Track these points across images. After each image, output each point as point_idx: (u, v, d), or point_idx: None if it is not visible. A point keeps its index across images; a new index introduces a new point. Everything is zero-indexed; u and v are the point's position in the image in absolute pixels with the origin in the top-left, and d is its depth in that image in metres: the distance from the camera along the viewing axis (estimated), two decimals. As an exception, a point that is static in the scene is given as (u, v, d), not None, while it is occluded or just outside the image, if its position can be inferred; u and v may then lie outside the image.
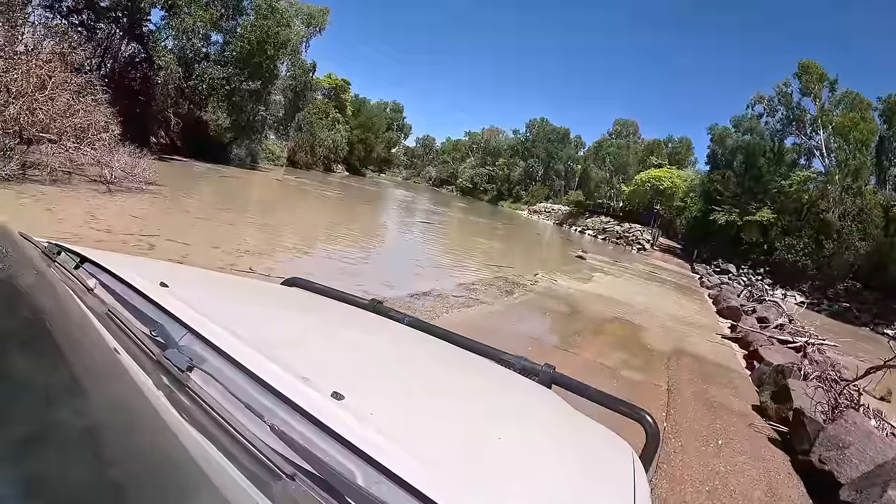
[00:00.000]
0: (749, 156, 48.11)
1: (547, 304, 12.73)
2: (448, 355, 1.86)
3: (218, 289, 1.82)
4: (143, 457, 0.87)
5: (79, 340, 1.15)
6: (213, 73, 31.79)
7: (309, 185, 37.92)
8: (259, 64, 33.73)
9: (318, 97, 64.27)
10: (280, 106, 42.68)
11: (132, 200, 13.98)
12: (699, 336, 13.56)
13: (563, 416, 1.53)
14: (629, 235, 57.35)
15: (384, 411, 1.02)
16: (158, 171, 18.08)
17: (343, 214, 26.23)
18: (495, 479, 0.98)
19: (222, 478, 0.86)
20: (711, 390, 8.60)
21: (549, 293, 14.34)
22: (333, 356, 1.36)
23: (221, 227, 13.70)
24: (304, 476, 0.86)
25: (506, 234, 39.71)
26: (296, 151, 56.11)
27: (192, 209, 15.33)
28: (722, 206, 46.58)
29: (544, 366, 1.92)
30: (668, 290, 24.33)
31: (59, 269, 1.41)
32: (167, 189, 17.23)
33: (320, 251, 13.79)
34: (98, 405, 0.93)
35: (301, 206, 25.68)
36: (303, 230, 16.97)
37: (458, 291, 11.67)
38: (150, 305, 1.24)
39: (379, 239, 20.22)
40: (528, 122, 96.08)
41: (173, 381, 1.03)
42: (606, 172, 72.11)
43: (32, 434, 0.73)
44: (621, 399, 1.83)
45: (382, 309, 2.23)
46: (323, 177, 53.71)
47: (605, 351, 9.61)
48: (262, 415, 0.94)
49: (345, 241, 16.47)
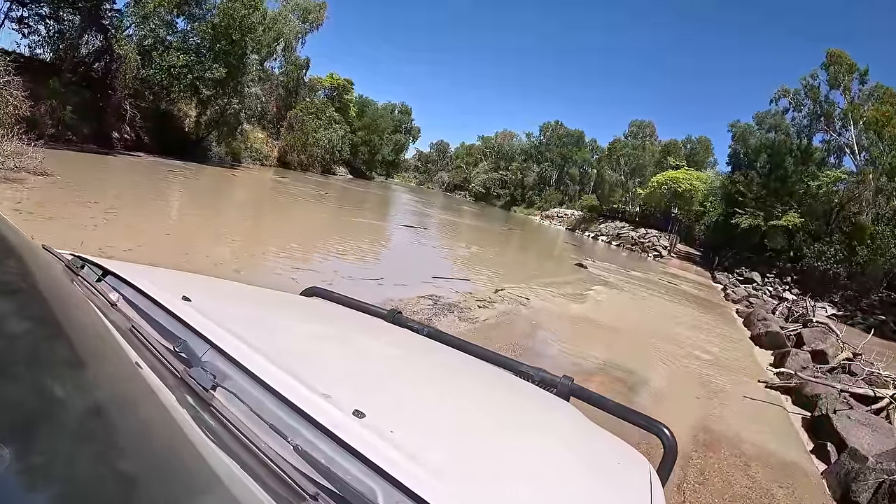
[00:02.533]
0: (774, 155, 44.02)
1: (490, 342, 7.74)
2: (468, 367, 1.86)
3: (240, 301, 1.81)
4: (169, 476, 0.85)
5: (102, 356, 1.12)
6: (171, 59, 28.08)
7: (285, 185, 34.27)
8: (225, 51, 30.17)
9: (319, 96, 61.18)
10: (258, 99, 38.63)
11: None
12: (732, 385, 9.29)
13: (581, 429, 1.53)
14: (645, 241, 53.19)
15: (405, 428, 1.02)
16: (89, 165, 16.42)
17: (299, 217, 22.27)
18: (514, 495, 0.98)
19: (246, 497, 0.86)
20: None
21: (504, 321, 10.08)
22: (354, 371, 1.35)
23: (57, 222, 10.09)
24: (326, 496, 0.86)
25: (505, 240, 35.99)
26: (287, 151, 52.21)
27: (51, 199, 11.79)
28: (745, 209, 42.50)
29: (563, 378, 1.89)
30: (686, 308, 19.74)
31: (82, 283, 1.43)
32: (49, 180, 13.97)
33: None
34: (122, 423, 0.91)
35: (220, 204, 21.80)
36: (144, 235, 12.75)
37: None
38: (172, 320, 1.25)
39: (330, 242, 15.92)
40: (542, 125, 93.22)
41: (197, 400, 1.03)
42: (621, 175, 68.60)
43: (56, 451, 0.72)
44: (639, 412, 1.78)
45: (401, 319, 2.19)
46: (316, 179, 49.69)
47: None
48: (285, 434, 0.95)
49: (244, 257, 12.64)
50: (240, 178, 31.53)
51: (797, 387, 9.15)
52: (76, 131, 24.49)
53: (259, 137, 46.82)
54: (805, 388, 8.84)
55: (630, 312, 15.34)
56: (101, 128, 26.29)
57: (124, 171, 21.86)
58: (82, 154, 22.16)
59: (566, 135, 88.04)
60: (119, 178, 19.35)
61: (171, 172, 23.91)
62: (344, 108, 69.44)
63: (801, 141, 43.71)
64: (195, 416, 0.99)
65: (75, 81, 25.14)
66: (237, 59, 31.15)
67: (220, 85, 30.91)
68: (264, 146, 47.36)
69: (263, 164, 46.14)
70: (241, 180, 30.83)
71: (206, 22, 29.50)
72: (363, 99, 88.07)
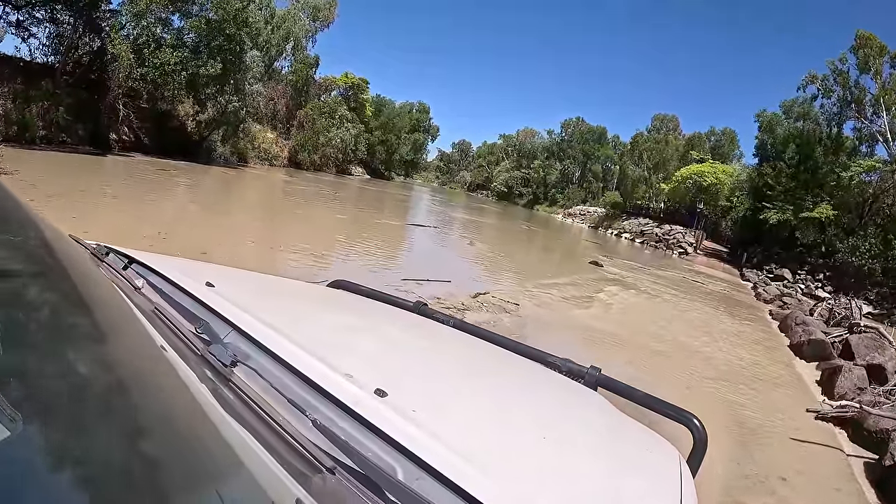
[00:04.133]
0: (802, 145, 41.32)
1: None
2: (493, 357, 1.82)
3: (263, 289, 1.82)
4: (187, 450, 0.89)
5: (127, 337, 1.17)
6: (164, 56, 26.81)
7: (284, 185, 32.54)
8: (220, 47, 28.82)
9: (334, 95, 59.99)
10: (260, 97, 37.12)
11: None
12: (773, 417, 7.35)
13: (609, 418, 1.49)
14: (669, 238, 50.91)
15: (427, 409, 1.02)
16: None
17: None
18: (539, 479, 0.97)
19: (262, 469, 0.88)
20: None
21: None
22: (377, 355, 1.34)
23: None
24: (343, 470, 0.87)
25: (518, 238, 34.12)
26: (297, 151, 50.73)
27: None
28: (773, 203, 39.98)
29: (590, 368, 1.84)
30: (713, 310, 17.48)
31: (108, 270, 1.47)
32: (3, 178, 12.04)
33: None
34: (145, 398, 0.94)
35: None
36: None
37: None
38: (195, 304, 1.27)
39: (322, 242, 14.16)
40: (563, 121, 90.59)
41: (217, 376, 1.04)
42: (644, 170, 65.68)
43: (86, 427, 0.76)
44: (668, 402, 1.72)
45: (427, 311, 2.16)
46: (329, 179, 47.79)
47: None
48: (304, 410, 0.96)
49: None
50: (234, 177, 29.88)
51: (856, 418, 7.21)
52: (70, 133, 23.59)
53: (268, 137, 45.54)
54: (867, 421, 6.91)
55: (645, 318, 13.41)
56: (96, 129, 25.30)
57: (103, 171, 20.42)
58: (70, 155, 20.95)
59: (588, 131, 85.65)
60: (91, 178, 17.64)
61: (158, 172, 22.42)
62: (360, 108, 67.98)
63: (831, 129, 41.22)
64: (214, 391, 1.01)
65: (70, 83, 24.19)
66: (234, 55, 29.84)
67: (218, 82, 29.64)
68: (273, 146, 46.07)
69: (273, 164, 44.82)
70: (235, 180, 29.20)
71: (200, 17, 28.26)
72: (380, 98, 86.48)
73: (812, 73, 42.02)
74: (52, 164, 17.64)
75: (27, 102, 21.59)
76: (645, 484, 1.14)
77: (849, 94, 39.86)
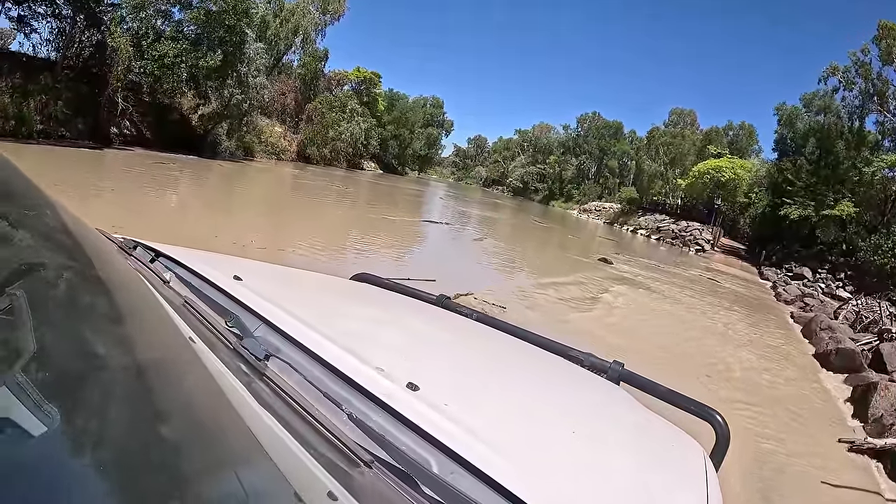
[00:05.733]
0: (823, 139, 40.03)
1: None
2: (517, 350, 1.82)
3: (290, 283, 1.83)
4: (218, 442, 0.89)
5: (156, 330, 1.16)
6: (163, 49, 26.39)
7: (285, 181, 31.83)
8: (221, 38, 28.30)
9: (345, 90, 59.40)
10: (265, 89, 36.21)
11: None
12: (799, 453, 6.23)
13: (633, 412, 1.48)
14: (686, 235, 49.61)
15: (458, 402, 1.02)
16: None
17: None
18: (568, 473, 0.98)
19: (298, 465, 0.88)
20: None
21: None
22: (406, 348, 1.35)
23: None
24: (380, 464, 0.87)
25: (532, 235, 32.97)
26: (307, 145, 49.98)
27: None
28: (794, 199, 38.75)
29: (613, 362, 1.83)
30: (729, 312, 16.19)
31: (136, 263, 1.46)
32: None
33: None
34: (179, 392, 0.95)
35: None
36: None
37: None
38: (224, 297, 1.28)
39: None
40: (579, 116, 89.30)
41: (251, 370, 1.04)
42: (660, 165, 64.53)
43: (121, 421, 0.77)
44: (691, 398, 1.72)
45: (450, 304, 2.19)
46: (338, 174, 46.99)
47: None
48: (339, 404, 0.96)
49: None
50: (232, 172, 28.87)
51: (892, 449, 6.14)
52: (70, 127, 23.14)
53: (276, 131, 44.94)
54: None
55: (654, 323, 12.26)
56: (96, 123, 24.83)
57: (90, 165, 19.55)
58: (65, 149, 20.43)
59: (604, 126, 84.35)
60: (71, 172, 16.76)
61: (150, 167, 21.62)
62: (372, 102, 67.46)
63: (853, 123, 40.02)
64: (248, 385, 1.01)
65: (71, 77, 23.75)
66: (235, 47, 29.22)
67: (219, 74, 29.07)
68: (281, 140, 45.45)
69: (280, 158, 44.16)
70: (233, 175, 28.18)
71: (200, 8, 27.75)
72: (392, 93, 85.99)
73: (833, 65, 40.93)
74: (41, 160, 16.95)
75: (25, 97, 21.17)
76: (672, 479, 1.14)
77: (871, 86, 38.91)
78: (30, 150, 18.03)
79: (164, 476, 0.71)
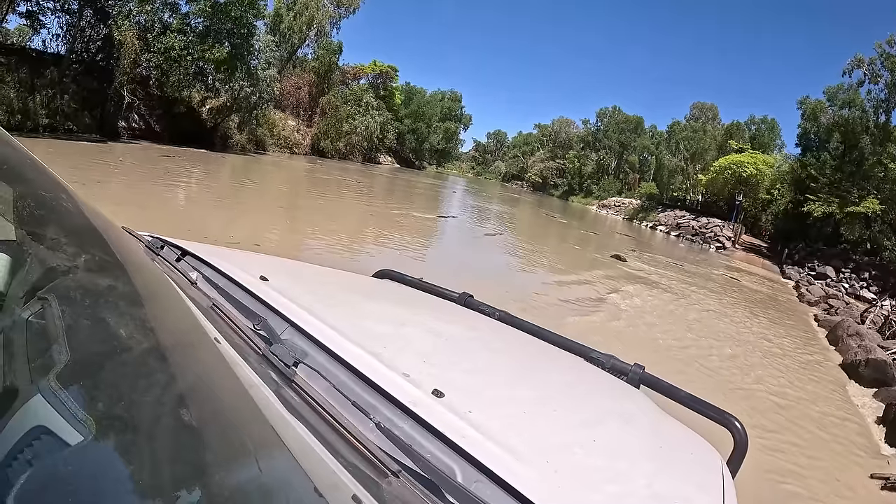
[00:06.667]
0: (848, 134, 38.61)
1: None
2: (540, 351, 1.83)
3: (315, 282, 1.82)
4: (250, 451, 0.89)
5: (184, 332, 1.16)
6: (168, 41, 26.17)
7: (283, 177, 30.98)
8: (228, 30, 28.01)
9: (362, 84, 58.98)
10: (276, 82, 35.90)
11: None
12: (825, 490, 5.44)
13: (652, 418, 1.47)
14: (706, 232, 48.30)
15: (483, 409, 1.03)
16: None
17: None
18: (588, 482, 0.98)
19: (327, 474, 0.87)
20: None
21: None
22: (431, 351, 1.32)
23: None
24: (407, 474, 0.87)
25: (547, 231, 32.50)
26: (320, 138, 49.56)
27: None
28: (817, 196, 37.48)
29: (634, 365, 1.83)
30: (750, 315, 15.07)
31: (163, 262, 1.47)
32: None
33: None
34: (204, 398, 0.95)
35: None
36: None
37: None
38: (251, 299, 1.28)
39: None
40: (599, 110, 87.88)
41: (280, 376, 1.04)
42: (681, 160, 62.96)
43: (147, 426, 0.77)
44: (710, 403, 1.70)
45: (473, 303, 2.17)
46: (353, 167, 46.42)
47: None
48: (367, 412, 0.96)
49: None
50: (239, 166, 28.27)
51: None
52: (77, 121, 23.14)
53: (289, 125, 44.58)
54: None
55: (665, 327, 11.27)
56: (103, 117, 24.80)
57: (81, 159, 18.56)
58: (65, 143, 20.06)
59: (624, 121, 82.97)
60: (59, 166, 15.87)
61: (151, 161, 21.05)
62: (389, 96, 66.90)
63: (878, 118, 38.35)
64: (277, 392, 1.00)
65: (78, 71, 23.70)
66: (242, 39, 28.81)
67: (227, 67, 28.73)
68: (295, 133, 45.12)
69: (294, 152, 43.86)
70: (232, 168, 27.46)
71: (206, 0, 27.34)
72: (409, 87, 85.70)
73: (858, 57, 39.31)
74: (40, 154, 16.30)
75: (30, 91, 21.10)
76: (689, 487, 1.13)
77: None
78: (28, 143, 17.45)
79: (203, 485, 0.71)
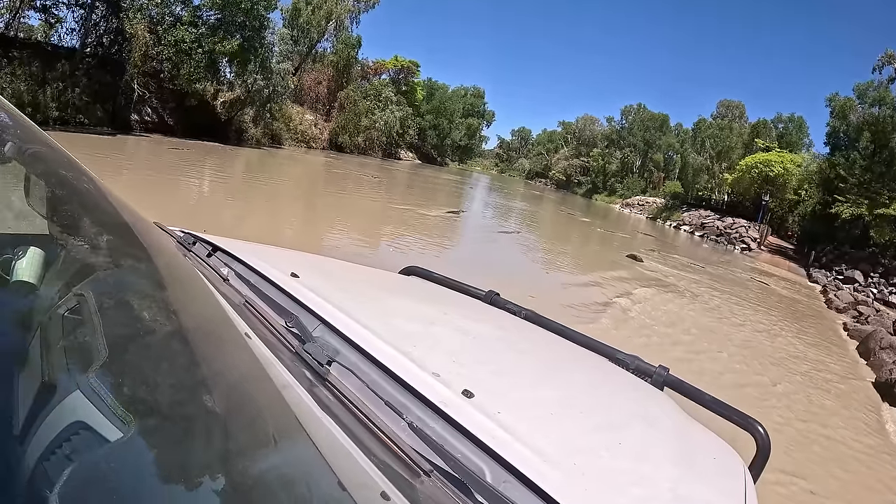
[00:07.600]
0: (878, 132, 37.34)
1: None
2: (565, 351, 1.83)
3: (344, 278, 1.82)
4: (283, 449, 0.90)
5: (218, 329, 1.17)
6: (178, 34, 25.84)
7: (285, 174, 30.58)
8: (240, 23, 27.54)
9: (383, 79, 58.76)
10: (290, 75, 35.54)
11: None
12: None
13: (676, 421, 1.47)
14: (731, 232, 47.20)
15: (510, 409, 1.02)
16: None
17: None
18: (613, 484, 0.97)
19: (359, 473, 0.88)
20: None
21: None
22: (460, 351, 1.33)
23: None
24: (439, 473, 0.88)
25: (566, 229, 31.81)
26: (338, 133, 49.17)
27: None
28: (846, 196, 36.19)
29: (658, 367, 1.81)
30: (773, 325, 13.79)
31: (194, 258, 1.48)
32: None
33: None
34: (239, 395, 0.96)
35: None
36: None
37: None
38: (283, 296, 1.28)
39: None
40: (623, 108, 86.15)
41: (314, 375, 1.05)
42: (706, 158, 61.71)
43: (176, 420, 0.78)
44: (734, 407, 1.68)
45: (499, 301, 2.15)
46: (373, 162, 46.11)
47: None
48: (400, 412, 0.97)
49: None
50: (244, 158, 27.71)
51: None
52: (89, 114, 22.90)
53: (307, 119, 44.31)
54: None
55: (676, 337, 10.09)
56: (115, 110, 24.56)
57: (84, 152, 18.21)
58: (73, 135, 19.71)
59: (649, 118, 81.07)
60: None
61: (156, 155, 20.89)
62: (410, 91, 66.54)
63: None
64: (311, 391, 1.01)
65: (91, 64, 23.53)
66: (254, 31, 28.39)
67: (240, 60, 28.54)
68: (312, 128, 44.79)
69: (311, 146, 43.49)
70: (245, 161, 27.02)
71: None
72: (431, 82, 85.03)
73: (889, 53, 38.12)
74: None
75: (41, 85, 21.01)
76: (712, 491, 1.13)
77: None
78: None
79: (239, 483, 0.72)
